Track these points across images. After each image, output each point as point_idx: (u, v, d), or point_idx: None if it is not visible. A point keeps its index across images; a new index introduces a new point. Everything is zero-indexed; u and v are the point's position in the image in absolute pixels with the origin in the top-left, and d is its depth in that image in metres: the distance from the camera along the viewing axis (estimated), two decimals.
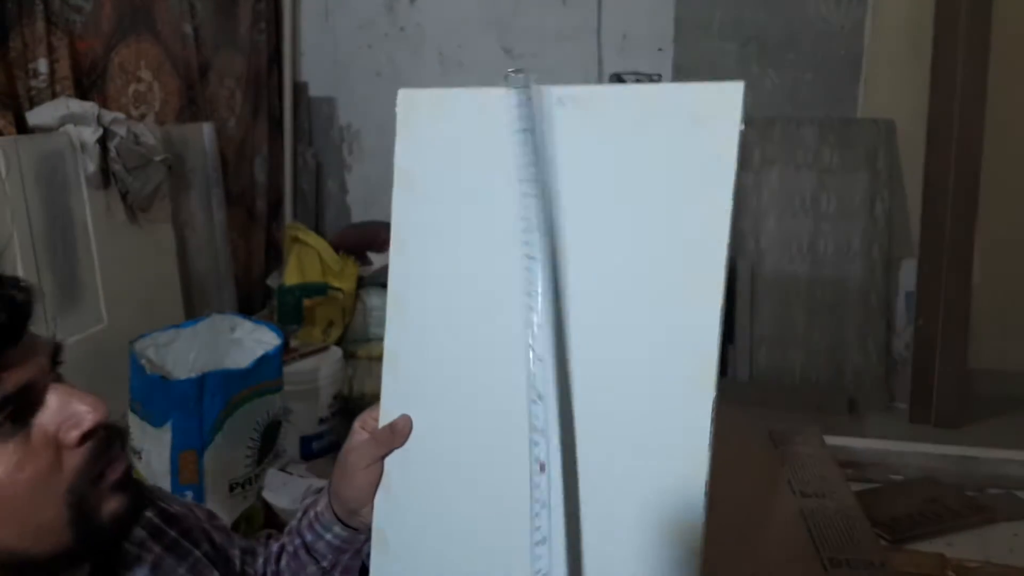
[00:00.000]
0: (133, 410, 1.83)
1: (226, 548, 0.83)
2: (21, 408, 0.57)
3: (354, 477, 0.76)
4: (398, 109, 0.76)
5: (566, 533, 0.63)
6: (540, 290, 0.61)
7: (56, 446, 0.58)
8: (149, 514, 0.76)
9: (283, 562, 0.85)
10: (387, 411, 0.75)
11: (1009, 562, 1.57)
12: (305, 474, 2.07)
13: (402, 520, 0.75)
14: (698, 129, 0.61)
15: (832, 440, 1.83)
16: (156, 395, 1.78)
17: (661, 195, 0.62)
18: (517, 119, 0.63)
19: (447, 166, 0.73)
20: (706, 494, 0.60)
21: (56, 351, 0.62)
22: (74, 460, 0.58)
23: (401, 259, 0.75)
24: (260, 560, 0.86)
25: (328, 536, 0.81)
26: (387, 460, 0.75)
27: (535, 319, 0.61)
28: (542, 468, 0.58)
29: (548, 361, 0.62)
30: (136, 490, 0.63)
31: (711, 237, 0.60)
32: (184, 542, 0.77)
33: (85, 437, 0.59)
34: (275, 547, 0.87)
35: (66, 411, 0.58)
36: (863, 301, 2.92)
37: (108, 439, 0.61)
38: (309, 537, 0.82)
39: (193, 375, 1.80)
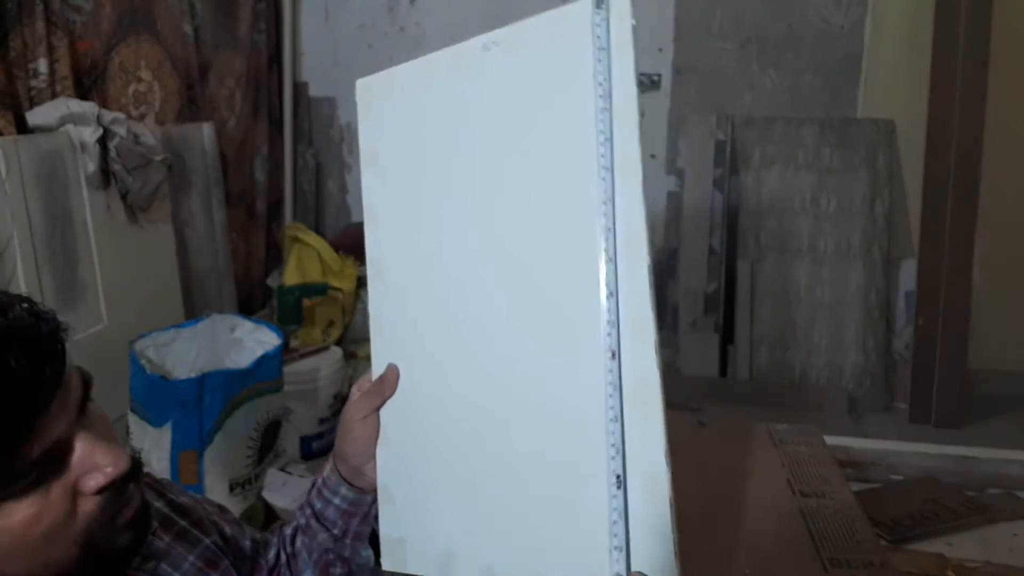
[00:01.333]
0: (133, 410, 1.83)
1: (237, 539, 0.84)
2: (48, 470, 0.56)
3: (352, 431, 0.79)
4: (358, 99, 0.82)
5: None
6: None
7: (73, 493, 0.58)
8: (158, 504, 0.77)
9: (298, 542, 0.86)
10: (377, 368, 0.80)
11: (1009, 562, 1.57)
12: (305, 474, 2.07)
13: (403, 471, 0.77)
14: (553, 54, 0.64)
15: (832, 440, 1.82)
16: (156, 395, 1.78)
17: (545, 126, 0.65)
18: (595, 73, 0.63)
19: (405, 136, 0.77)
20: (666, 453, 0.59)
21: (86, 386, 0.62)
22: (89, 506, 0.59)
23: (374, 230, 0.80)
24: (273, 550, 0.87)
25: (336, 500, 0.83)
26: (383, 415, 0.79)
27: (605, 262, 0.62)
28: (619, 483, 0.60)
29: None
30: (145, 517, 0.64)
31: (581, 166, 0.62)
32: (194, 531, 0.79)
33: (103, 488, 0.59)
34: (288, 530, 0.88)
35: (88, 463, 0.58)
36: (863, 301, 2.92)
37: (124, 482, 0.60)
38: (319, 505, 0.84)
39: (193, 375, 1.80)
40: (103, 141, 2.05)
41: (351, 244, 2.99)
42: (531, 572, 0.66)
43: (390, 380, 0.78)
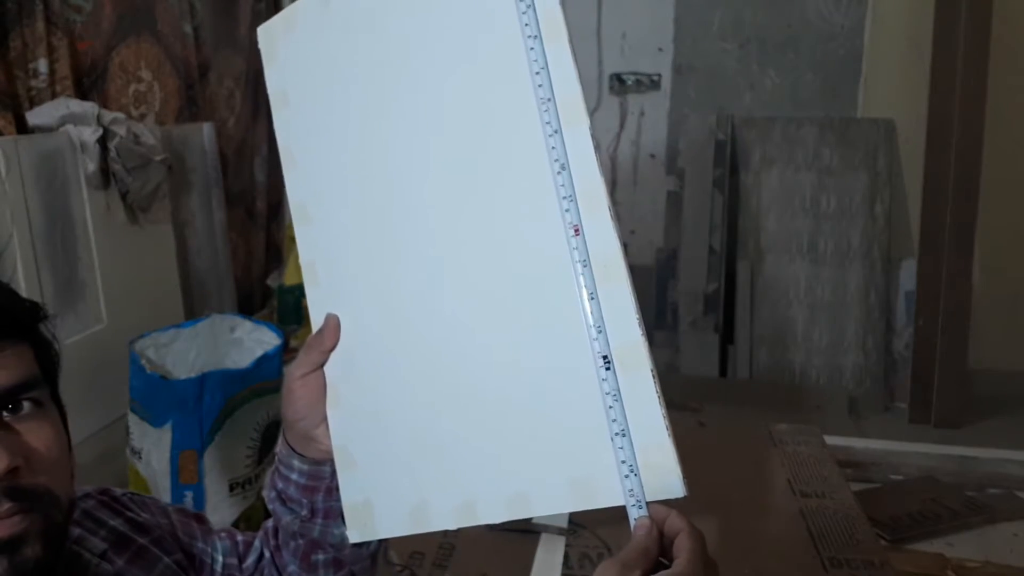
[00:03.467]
0: (133, 410, 1.83)
1: (205, 556, 0.80)
2: None
3: (294, 392, 0.73)
4: (260, 45, 0.78)
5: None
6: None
7: None
8: (115, 523, 0.74)
9: (280, 536, 0.81)
10: (316, 322, 0.74)
11: (1009, 562, 1.57)
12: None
13: (359, 428, 0.72)
14: None
15: (832, 440, 1.83)
16: (156, 395, 1.78)
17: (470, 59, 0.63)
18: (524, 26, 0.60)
19: (315, 70, 0.74)
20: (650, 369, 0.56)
21: (27, 383, 0.60)
22: None
23: (293, 173, 0.77)
24: (254, 555, 0.83)
25: (294, 476, 0.77)
26: (329, 373, 0.73)
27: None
28: (606, 363, 0.56)
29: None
30: (20, 562, 0.56)
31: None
32: (154, 549, 0.74)
33: None
34: (270, 523, 0.83)
35: None
36: (863, 301, 2.92)
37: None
38: (280, 485, 0.78)
39: (193, 375, 1.80)
40: (103, 141, 2.05)
41: None
42: (516, 491, 0.62)
43: (329, 329, 0.71)
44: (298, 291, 2.90)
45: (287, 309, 2.90)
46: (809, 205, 2.96)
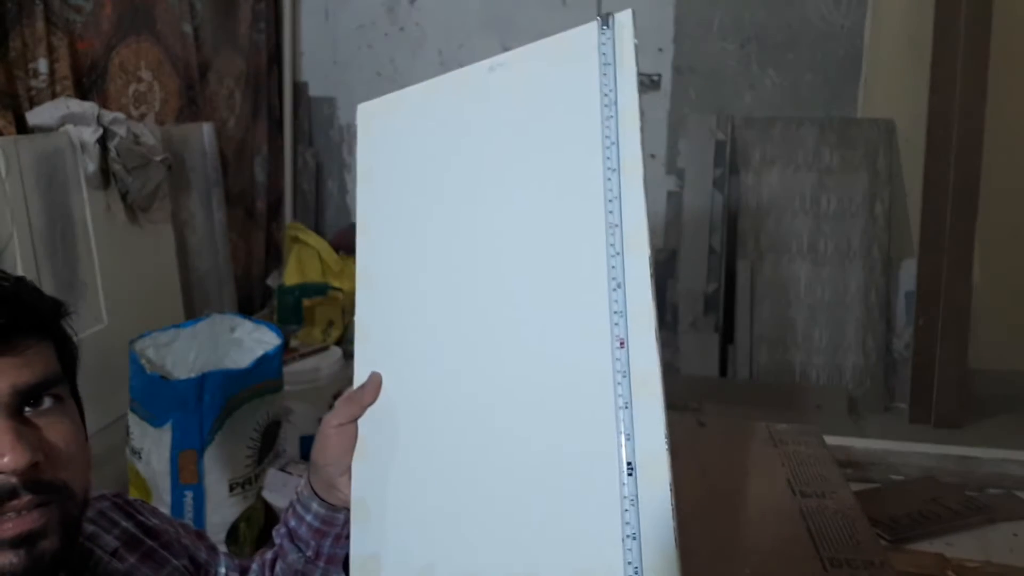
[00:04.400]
0: (133, 410, 1.83)
1: (209, 567, 0.82)
2: None
3: (328, 438, 0.76)
4: (358, 121, 0.84)
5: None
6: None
7: None
8: (126, 524, 0.76)
9: (277, 567, 0.83)
10: (360, 377, 0.78)
11: (1009, 562, 1.57)
12: (305, 474, 2.07)
13: (381, 484, 0.75)
14: (559, 71, 0.69)
15: (832, 440, 1.82)
16: (156, 395, 1.78)
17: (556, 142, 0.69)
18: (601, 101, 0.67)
19: (404, 152, 0.79)
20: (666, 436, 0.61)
21: (49, 381, 0.61)
22: None
23: (364, 240, 0.81)
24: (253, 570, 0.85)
25: (308, 517, 0.80)
26: (363, 427, 0.77)
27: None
28: (630, 469, 0.60)
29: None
30: (39, 555, 0.57)
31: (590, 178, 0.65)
32: (163, 552, 0.77)
33: None
34: (269, 554, 0.86)
35: None
36: (863, 301, 2.92)
37: (16, 491, 0.57)
38: (292, 523, 0.81)
39: (193, 375, 1.80)
40: (103, 141, 2.05)
41: (351, 244, 2.99)
42: (523, 572, 0.65)
43: (371, 387, 0.76)
44: (298, 291, 2.90)
45: (287, 309, 2.91)
46: (809, 205, 2.96)
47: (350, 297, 2.89)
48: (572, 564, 0.63)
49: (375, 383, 0.76)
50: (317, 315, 2.86)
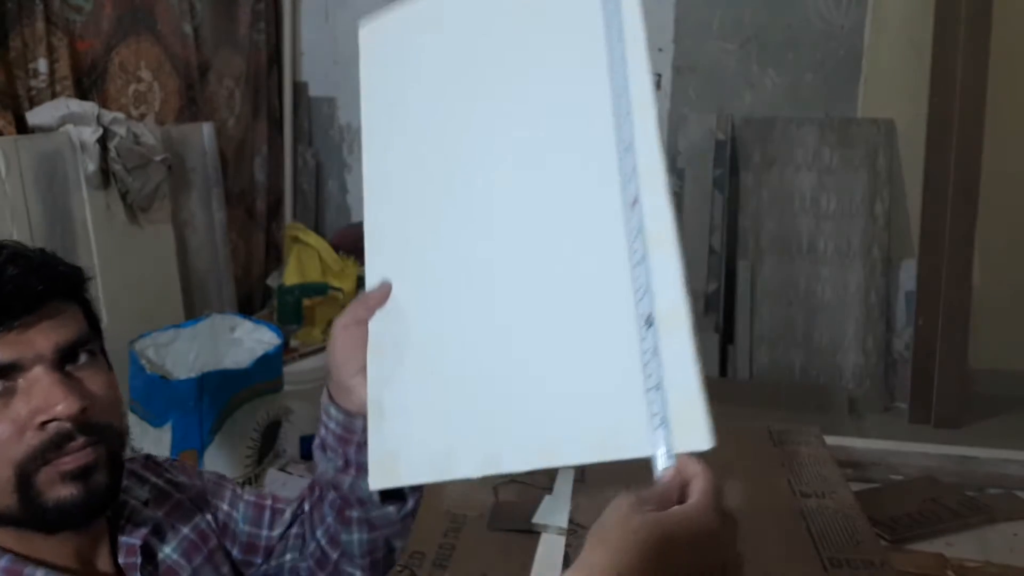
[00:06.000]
0: (133, 410, 1.83)
1: (229, 519, 0.86)
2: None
3: (335, 340, 0.78)
4: (360, 39, 0.83)
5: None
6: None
7: (24, 423, 0.65)
8: (156, 480, 0.82)
9: (320, 488, 0.86)
10: (370, 284, 0.79)
11: (1009, 562, 1.56)
12: (305, 474, 2.07)
13: (396, 380, 0.75)
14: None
15: (832, 440, 1.82)
16: (156, 395, 1.78)
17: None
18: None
19: (410, 72, 0.79)
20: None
21: (85, 338, 0.70)
22: (32, 440, 0.65)
23: (370, 153, 0.82)
24: (280, 527, 0.88)
25: (331, 424, 0.82)
26: (374, 328, 0.77)
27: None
28: (649, 321, 0.59)
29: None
30: (94, 487, 0.67)
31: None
32: (190, 505, 0.83)
33: (46, 423, 0.65)
34: (313, 478, 0.89)
35: (42, 398, 0.65)
36: (863, 301, 2.92)
37: (72, 435, 0.66)
38: (323, 432, 0.84)
39: (193, 375, 1.80)
40: (103, 141, 2.05)
41: (351, 244, 2.99)
42: (545, 441, 0.64)
43: (380, 292, 0.77)
44: (298, 291, 2.90)
45: (287, 309, 2.90)
46: (809, 205, 2.96)
47: (350, 297, 2.89)
48: (595, 426, 0.61)
49: (384, 289, 0.77)
50: (317, 315, 2.85)
